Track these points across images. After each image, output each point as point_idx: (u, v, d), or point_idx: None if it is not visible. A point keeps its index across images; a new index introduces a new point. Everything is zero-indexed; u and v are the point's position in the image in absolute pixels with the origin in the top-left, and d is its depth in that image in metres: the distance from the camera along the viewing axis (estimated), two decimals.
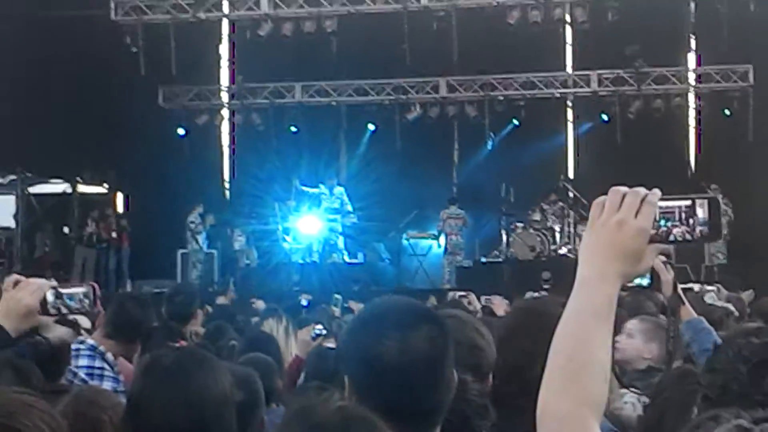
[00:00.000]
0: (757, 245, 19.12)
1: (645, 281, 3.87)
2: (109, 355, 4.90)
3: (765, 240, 18.84)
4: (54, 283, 3.43)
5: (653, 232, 2.10)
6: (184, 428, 3.02)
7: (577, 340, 2.03)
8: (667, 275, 4.19)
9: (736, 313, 5.35)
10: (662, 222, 2.12)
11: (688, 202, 2.13)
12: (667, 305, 4.34)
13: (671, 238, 2.14)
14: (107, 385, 4.78)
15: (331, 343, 5.94)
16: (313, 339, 6.23)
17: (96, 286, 4.09)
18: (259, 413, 3.97)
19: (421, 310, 2.65)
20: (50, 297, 3.30)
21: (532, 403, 2.06)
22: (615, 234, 2.09)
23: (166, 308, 7.08)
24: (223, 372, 3.19)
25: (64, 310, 3.36)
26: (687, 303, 4.39)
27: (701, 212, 2.12)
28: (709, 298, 5.04)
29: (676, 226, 2.12)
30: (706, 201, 2.13)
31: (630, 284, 3.84)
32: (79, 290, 3.45)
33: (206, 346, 6.37)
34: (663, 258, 4.20)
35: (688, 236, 2.11)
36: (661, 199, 2.12)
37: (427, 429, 2.55)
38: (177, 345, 5.24)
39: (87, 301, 3.59)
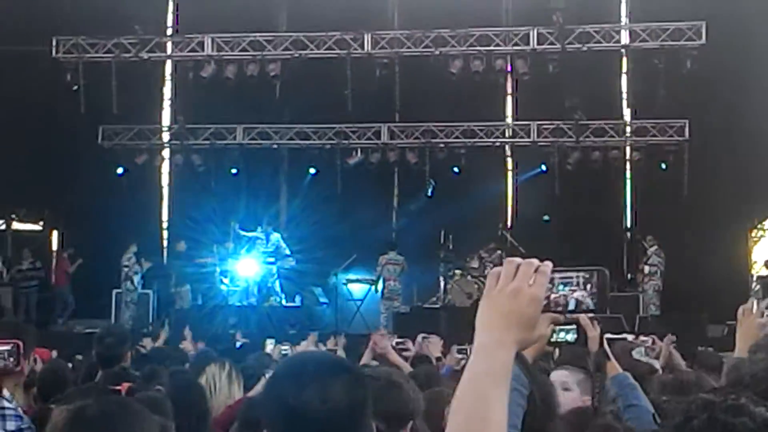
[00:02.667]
0: (689, 296, 19.42)
1: (571, 337, 3.90)
2: (6, 392, 4.74)
3: (697, 291, 19.13)
4: None
5: (552, 296, 2.19)
6: None
7: (476, 402, 2.11)
8: (593, 331, 4.21)
9: (660, 371, 5.41)
10: (561, 287, 2.22)
11: (584, 273, 2.23)
12: (593, 361, 4.37)
13: (570, 303, 2.23)
14: (11, 424, 4.64)
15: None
16: None
17: (20, 343, 3.95)
18: None
19: (339, 362, 2.70)
20: None
21: None
22: (511, 302, 2.19)
23: (96, 349, 6.96)
24: (149, 422, 3.14)
25: None
26: (612, 358, 4.43)
27: (595, 281, 2.22)
28: (636, 353, 5.09)
29: (574, 290, 2.22)
30: (596, 273, 2.24)
31: (555, 341, 3.88)
32: (2, 348, 3.30)
33: (139, 390, 6.28)
34: (590, 314, 4.24)
35: (589, 300, 2.21)
36: (556, 271, 2.22)
37: None
38: (119, 388, 5.15)
39: (11, 359, 3.42)
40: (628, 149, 22.85)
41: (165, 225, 24.13)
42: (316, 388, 2.53)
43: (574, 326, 3.95)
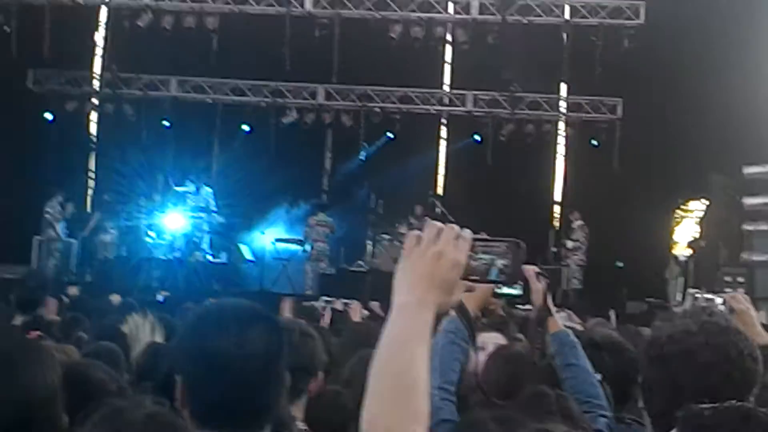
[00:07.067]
0: (611, 272, 19.71)
1: (516, 291, 3.85)
2: None
3: (619, 267, 19.41)
4: None
5: (473, 263, 2.21)
6: (8, 423, 2.89)
7: (403, 362, 2.10)
8: (538, 285, 4.15)
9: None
10: (483, 255, 2.25)
11: (499, 245, 2.26)
12: (536, 315, 4.27)
13: (492, 272, 2.25)
14: None
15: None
16: None
17: None
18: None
19: (257, 310, 2.67)
20: None
21: None
22: (434, 265, 2.19)
23: (16, 293, 6.90)
24: (51, 364, 3.07)
25: None
26: (555, 315, 4.32)
27: (510, 255, 2.25)
28: (560, 320, 5.11)
29: (495, 258, 2.25)
30: (507, 245, 2.26)
31: (500, 292, 3.81)
32: None
33: (57, 336, 6.19)
34: (536, 268, 4.19)
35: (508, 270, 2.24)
36: (476, 239, 2.24)
37: (257, 430, 2.55)
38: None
39: None
40: (561, 124, 23.04)
41: (92, 175, 23.75)
42: (234, 333, 2.51)
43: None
